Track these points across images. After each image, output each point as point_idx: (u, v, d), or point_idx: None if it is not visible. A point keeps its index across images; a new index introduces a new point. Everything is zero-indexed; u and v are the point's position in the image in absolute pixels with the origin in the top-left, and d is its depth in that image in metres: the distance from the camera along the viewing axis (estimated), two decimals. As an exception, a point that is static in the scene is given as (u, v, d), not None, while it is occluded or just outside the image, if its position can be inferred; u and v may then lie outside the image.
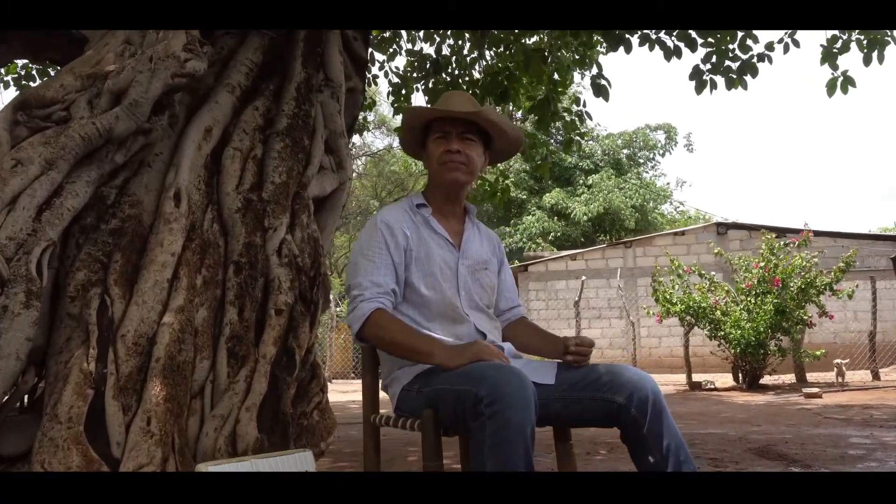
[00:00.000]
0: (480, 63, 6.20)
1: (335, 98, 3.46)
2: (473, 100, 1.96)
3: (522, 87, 5.92)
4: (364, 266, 1.84)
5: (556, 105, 5.65)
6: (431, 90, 6.22)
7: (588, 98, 16.08)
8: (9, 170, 2.37)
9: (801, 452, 3.73)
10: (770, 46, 4.98)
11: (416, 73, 6.40)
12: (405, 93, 6.49)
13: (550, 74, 5.62)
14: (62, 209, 2.45)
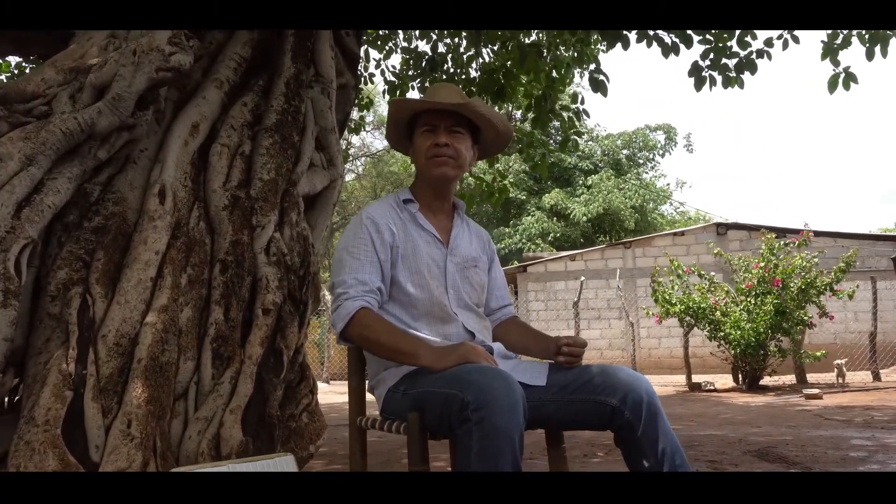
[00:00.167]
0: (477, 61, 6.14)
1: (326, 94, 3.40)
2: (461, 91, 1.90)
3: (520, 85, 5.85)
4: (349, 263, 1.78)
5: (554, 103, 5.59)
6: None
7: (587, 98, 16.05)
8: (-13, 165, 2.30)
9: (802, 454, 3.68)
10: (769, 42, 4.93)
11: (412, 71, 6.34)
12: (401, 91, 6.43)
13: (548, 71, 5.56)
14: (42, 206, 2.38)
